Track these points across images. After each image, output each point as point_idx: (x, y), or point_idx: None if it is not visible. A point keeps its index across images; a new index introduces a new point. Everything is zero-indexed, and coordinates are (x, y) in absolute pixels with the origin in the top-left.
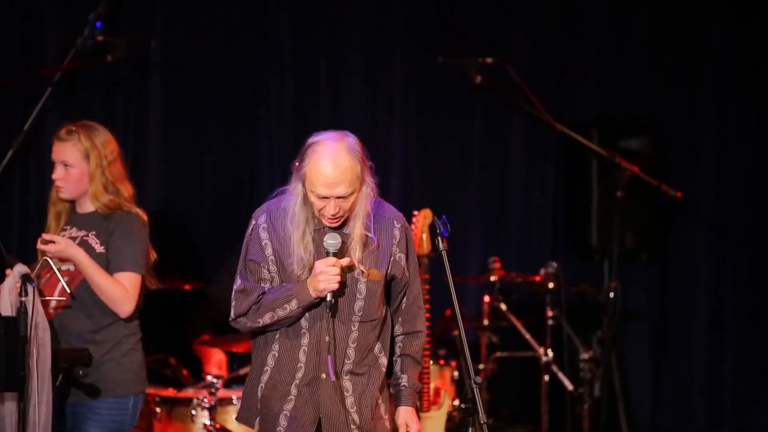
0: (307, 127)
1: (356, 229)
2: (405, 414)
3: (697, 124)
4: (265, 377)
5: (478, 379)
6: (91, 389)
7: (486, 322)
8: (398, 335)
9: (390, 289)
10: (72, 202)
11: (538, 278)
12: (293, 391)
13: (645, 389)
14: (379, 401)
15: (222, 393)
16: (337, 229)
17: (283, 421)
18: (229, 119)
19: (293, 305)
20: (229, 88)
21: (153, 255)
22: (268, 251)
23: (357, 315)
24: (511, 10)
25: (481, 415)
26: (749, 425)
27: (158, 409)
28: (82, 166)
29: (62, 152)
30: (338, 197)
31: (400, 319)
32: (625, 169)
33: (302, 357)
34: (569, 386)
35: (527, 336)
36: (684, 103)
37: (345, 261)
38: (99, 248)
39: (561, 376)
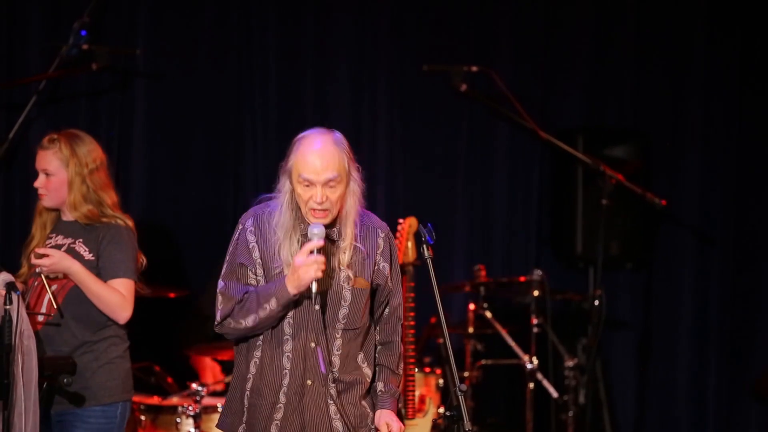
0: (291, 137)
1: (347, 232)
2: (384, 415)
3: (682, 133)
4: (248, 384)
5: (463, 387)
6: (76, 397)
7: (471, 329)
8: (377, 345)
9: (374, 299)
10: (57, 211)
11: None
12: (282, 399)
13: (630, 396)
14: (366, 410)
15: (207, 401)
16: (326, 228)
17: (274, 431)
18: (214, 128)
19: (272, 304)
20: (214, 98)
21: (142, 259)
22: (255, 254)
23: (341, 322)
24: (496, 18)
25: (466, 422)
26: None
27: (143, 417)
28: (61, 173)
29: (43, 160)
30: (325, 184)
31: (378, 328)
32: (610, 177)
33: (287, 364)
34: (554, 394)
35: (512, 343)
36: (669, 111)
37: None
38: (88, 255)
39: (546, 383)
